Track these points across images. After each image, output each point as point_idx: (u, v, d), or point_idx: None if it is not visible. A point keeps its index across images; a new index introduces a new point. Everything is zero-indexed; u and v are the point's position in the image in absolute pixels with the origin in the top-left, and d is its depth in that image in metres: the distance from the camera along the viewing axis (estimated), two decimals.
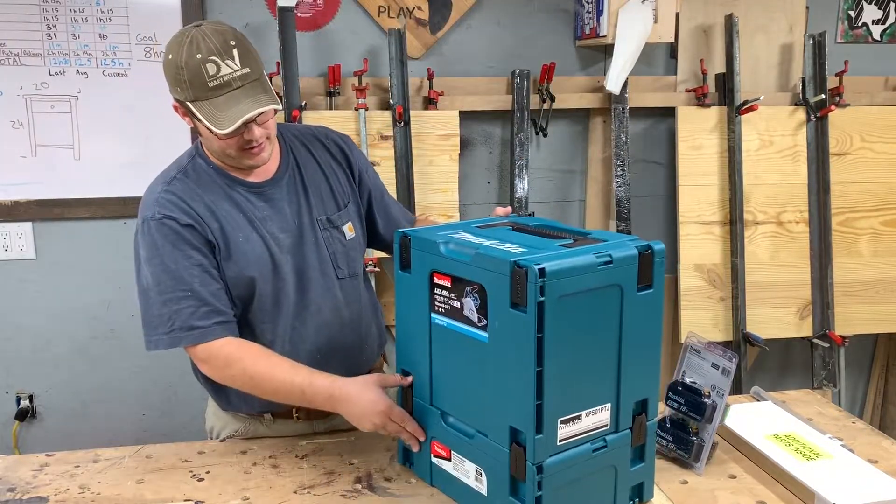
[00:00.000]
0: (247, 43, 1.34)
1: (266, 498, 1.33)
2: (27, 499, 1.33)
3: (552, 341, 1.10)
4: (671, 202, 2.76)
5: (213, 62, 1.29)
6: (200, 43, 1.29)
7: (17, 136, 2.40)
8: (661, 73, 2.73)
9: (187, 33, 1.31)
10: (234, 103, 1.30)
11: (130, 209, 2.51)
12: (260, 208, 1.47)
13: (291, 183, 1.52)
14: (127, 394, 2.65)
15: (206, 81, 1.29)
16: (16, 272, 2.51)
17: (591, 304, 1.14)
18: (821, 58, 2.67)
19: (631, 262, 1.16)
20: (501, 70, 2.62)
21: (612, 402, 1.21)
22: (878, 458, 1.45)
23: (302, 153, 1.56)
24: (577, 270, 1.11)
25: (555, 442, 1.15)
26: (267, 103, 1.32)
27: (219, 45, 1.29)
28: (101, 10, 2.37)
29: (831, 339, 2.71)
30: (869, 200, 2.78)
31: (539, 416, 1.12)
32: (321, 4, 2.49)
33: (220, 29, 1.32)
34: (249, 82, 1.32)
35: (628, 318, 1.18)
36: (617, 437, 1.23)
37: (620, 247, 1.17)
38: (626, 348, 1.20)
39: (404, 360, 1.37)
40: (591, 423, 1.19)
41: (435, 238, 1.25)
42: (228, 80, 1.30)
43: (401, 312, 1.35)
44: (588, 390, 1.19)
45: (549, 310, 1.08)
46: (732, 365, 1.37)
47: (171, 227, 1.38)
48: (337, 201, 1.56)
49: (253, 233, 1.45)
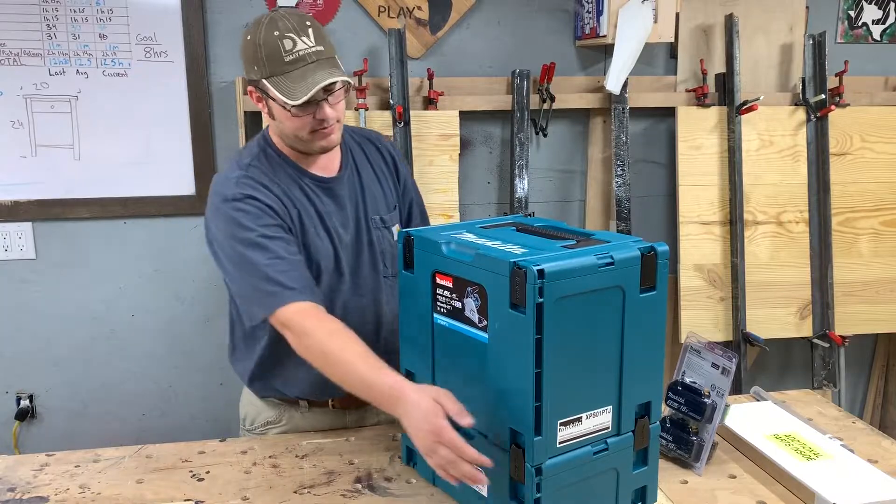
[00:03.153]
0: (322, 28, 1.41)
1: (266, 498, 1.33)
2: (27, 499, 1.33)
3: (551, 343, 1.09)
4: (671, 202, 2.76)
5: (290, 38, 1.35)
6: (279, 22, 1.36)
7: (17, 136, 2.40)
8: (661, 73, 2.73)
9: (266, 16, 1.39)
10: (307, 75, 1.35)
11: (130, 209, 2.52)
12: (326, 203, 1.51)
13: (351, 180, 1.56)
14: (127, 394, 2.65)
15: (282, 56, 1.35)
16: (16, 272, 2.51)
17: (592, 306, 1.14)
18: (821, 58, 2.67)
19: (633, 263, 1.15)
20: (501, 70, 2.62)
21: (614, 405, 1.20)
22: (878, 458, 1.45)
23: (358, 153, 1.61)
24: (577, 272, 1.10)
25: (554, 444, 1.15)
26: (339, 77, 1.37)
27: (295, 23, 1.36)
28: (101, 10, 2.37)
29: (831, 339, 2.71)
30: (869, 200, 2.78)
31: (538, 418, 1.12)
32: (321, 4, 2.49)
33: (297, 11, 1.40)
34: (324, 58, 1.37)
35: (630, 319, 1.17)
36: (618, 439, 1.22)
37: (623, 248, 1.16)
38: (629, 350, 1.19)
39: (408, 360, 1.37)
40: (592, 426, 1.19)
41: (437, 238, 1.25)
42: (304, 55, 1.36)
43: (405, 312, 1.36)
44: (589, 392, 1.18)
45: (549, 311, 1.08)
46: (732, 365, 1.37)
47: (253, 204, 1.41)
48: (388, 206, 1.61)
49: (321, 226, 1.50)
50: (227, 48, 2.46)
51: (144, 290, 2.58)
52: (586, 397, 1.18)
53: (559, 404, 1.14)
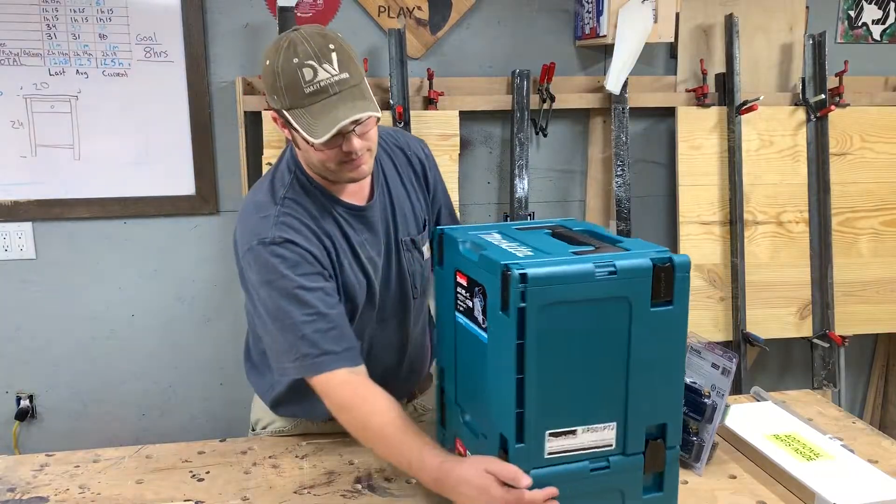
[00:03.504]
0: (347, 47, 1.26)
1: (266, 498, 1.33)
2: (27, 499, 1.33)
3: (537, 349, 1.07)
4: (671, 202, 2.76)
5: (310, 66, 1.21)
6: (298, 47, 1.22)
7: (17, 136, 2.40)
8: (661, 73, 2.73)
9: (286, 37, 1.25)
10: (330, 110, 1.22)
11: (130, 209, 2.52)
12: (359, 231, 1.42)
13: (382, 202, 1.47)
14: (127, 394, 2.65)
15: (301, 87, 1.22)
16: (16, 272, 2.51)
17: (592, 316, 1.09)
18: (821, 58, 2.67)
19: (641, 274, 1.09)
20: (501, 70, 2.62)
21: (619, 422, 1.15)
22: (878, 458, 1.45)
23: (389, 168, 1.50)
24: (569, 278, 1.06)
25: (542, 454, 1.13)
26: (364, 110, 1.23)
27: (317, 48, 1.22)
28: (101, 10, 2.37)
29: (831, 339, 2.71)
30: (869, 200, 2.78)
31: (520, 425, 1.10)
32: (321, 4, 2.49)
33: (319, 32, 1.25)
34: (347, 88, 1.23)
35: (639, 334, 1.11)
36: (624, 459, 1.16)
37: (634, 257, 1.11)
38: (637, 366, 1.13)
39: (439, 356, 1.41)
40: (591, 441, 1.14)
41: (461, 237, 1.26)
42: (325, 86, 1.22)
43: (438, 307, 1.38)
44: (587, 406, 1.13)
45: (533, 316, 1.06)
46: (732, 365, 1.37)
47: (292, 250, 1.31)
48: (418, 222, 1.52)
49: (355, 260, 1.41)
50: (227, 48, 2.46)
51: (144, 290, 2.58)
52: (583, 410, 1.13)
53: (548, 414, 1.11)
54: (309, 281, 1.31)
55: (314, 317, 1.29)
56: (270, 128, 2.38)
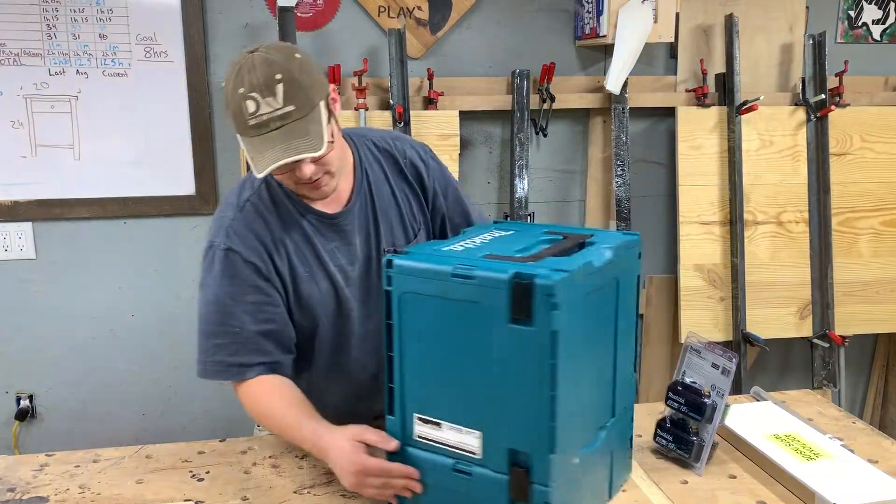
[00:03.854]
0: (300, 75, 1.21)
1: (266, 498, 1.33)
2: (27, 499, 1.33)
3: (400, 331, 1.14)
4: (671, 202, 2.76)
5: (253, 99, 1.19)
6: (245, 76, 1.20)
7: (17, 136, 2.40)
8: (661, 73, 2.73)
9: (240, 61, 1.23)
10: (268, 146, 1.21)
11: (130, 209, 2.52)
12: (329, 239, 1.40)
13: (363, 210, 1.43)
14: (127, 394, 2.65)
15: (245, 118, 1.21)
16: (16, 272, 2.51)
17: (453, 314, 1.08)
18: (821, 58, 2.67)
19: (496, 285, 1.03)
20: (501, 70, 2.62)
21: (483, 434, 1.10)
22: (878, 458, 1.45)
23: (376, 174, 1.46)
24: (425, 273, 1.10)
25: (411, 434, 1.17)
26: (302, 151, 1.20)
27: (262, 79, 1.19)
28: (101, 10, 2.37)
29: (831, 339, 2.71)
30: (869, 200, 2.78)
31: (391, 399, 1.18)
32: (321, 4, 2.49)
33: (270, 59, 1.21)
34: (290, 122, 1.20)
35: (499, 347, 1.05)
36: (487, 472, 1.11)
37: (508, 268, 1.04)
38: (497, 380, 1.07)
39: None
40: (455, 440, 1.13)
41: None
42: (266, 121, 1.20)
43: None
44: (451, 403, 1.13)
45: (395, 300, 1.13)
46: (732, 365, 1.37)
47: (233, 260, 1.34)
48: (406, 231, 1.48)
49: (319, 269, 1.39)
50: (227, 48, 2.46)
51: (144, 290, 2.58)
52: (448, 406, 1.13)
53: (415, 397, 1.16)
54: (240, 293, 1.34)
55: (234, 329, 1.35)
56: None
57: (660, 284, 2.84)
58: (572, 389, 1.07)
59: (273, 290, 1.37)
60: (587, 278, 1.09)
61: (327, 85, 1.29)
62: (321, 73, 1.29)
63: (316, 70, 1.27)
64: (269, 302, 1.37)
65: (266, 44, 1.26)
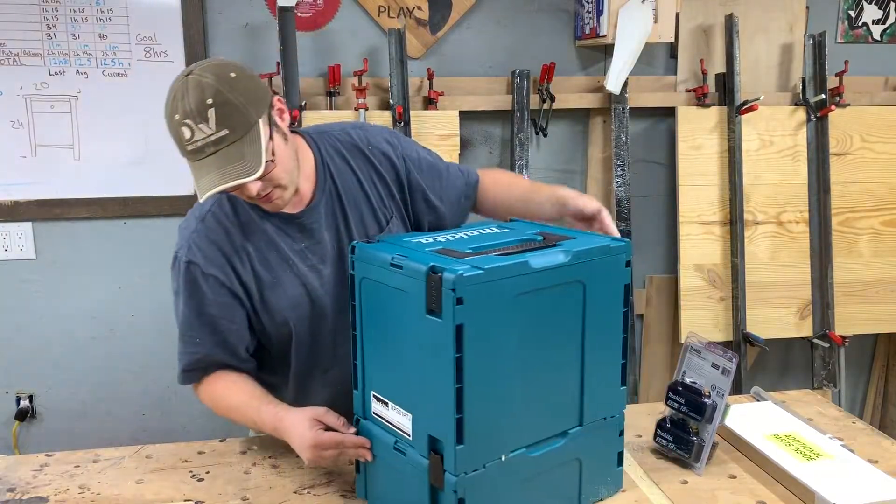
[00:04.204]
0: (234, 96, 1.19)
1: (266, 498, 1.33)
2: (27, 499, 1.33)
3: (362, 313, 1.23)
4: (671, 202, 2.76)
5: (187, 126, 1.18)
6: (179, 102, 1.19)
7: (17, 136, 2.40)
8: (661, 73, 2.73)
9: (175, 85, 1.22)
10: (205, 172, 1.21)
11: (130, 209, 2.52)
12: (297, 240, 1.40)
13: (329, 206, 1.42)
14: (127, 394, 2.65)
15: (183, 144, 1.21)
16: (16, 272, 2.51)
17: (392, 300, 1.15)
18: (821, 58, 2.67)
19: (416, 275, 1.08)
20: (501, 70, 2.62)
21: (412, 416, 1.16)
22: (878, 458, 1.45)
23: (340, 168, 1.44)
24: (373, 260, 1.18)
25: (370, 410, 1.25)
26: (237, 176, 1.19)
27: (194, 106, 1.18)
28: (101, 10, 2.37)
29: (831, 339, 2.71)
30: (869, 200, 2.78)
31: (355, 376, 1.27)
32: (321, 4, 2.49)
33: (203, 82, 1.19)
34: (225, 146, 1.19)
35: (417, 334, 1.11)
36: (415, 454, 1.16)
37: (418, 260, 1.10)
38: (418, 367, 1.12)
39: None
40: (396, 420, 1.20)
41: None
42: (201, 147, 1.19)
43: None
44: (393, 383, 1.20)
45: (357, 284, 1.22)
46: (732, 365, 1.37)
47: (193, 273, 1.36)
48: (378, 220, 1.46)
49: (287, 272, 1.39)
50: (227, 48, 2.46)
51: (144, 290, 2.58)
52: (392, 387, 1.20)
53: (372, 376, 1.24)
54: (199, 306, 1.38)
55: (195, 340, 1.40)
56: None
57: (660, 284, 2.84)
58: (495, 387, 1.11)
59: (234, 301, 1.39)
60: (519, 279, 1.10)
61: (269, 98, 1.27)
62: (261, 87, 1.26)
63: (254, 86, 1.24)
64: (228, 316, 1.39)
65: (203, 64, 1.24)
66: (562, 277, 1.15)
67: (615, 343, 1.26)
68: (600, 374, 1.24)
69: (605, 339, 1.24)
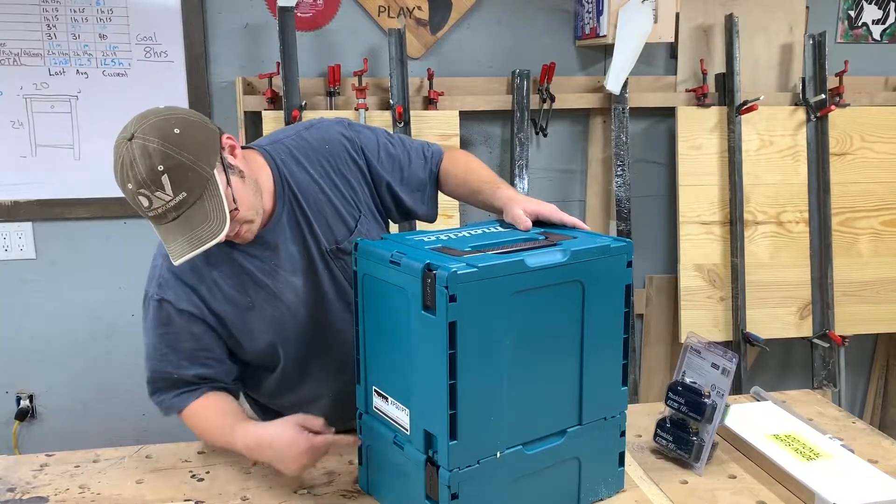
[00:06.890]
0: (184, 154, 1.17)
1: (266, 498, 1.33)
2: (27, 499, 1.33)
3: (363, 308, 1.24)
4: (671, 202, 2.76)
5: (144, 196, 1.17)
6: (129, 171, 1.17)
7: (17, 136, 2.40)
8: (661, 73, 2.73)
9: (120, 151, 1.20)
10: (172, 237, 1.21)
11: (130, 209, 2.48)
12: (265, 259, 1.38)
13: (292, 218, 1.39)
14: (127, 394, 2.65)
15: (144, 211, 1.21)
16: (16, 272, 2.51)
17: (389, 296, 1.17)
18: (821, 58, 2.67)
19: (413, 273, 1.10)
20: (501, 70, 2.62)
21: (410, 412, 1.17)
22: (878, 458, 1.45)
23: (298, 177, 1.40)
24: (373, 256, 1.19)
25: (371, 403, 1.27)
26: (206, 239, 1.18)
27: (146, 175, 1.15)
28: (101, 10, 2.37)
29: (831, 339, 2.71)
30: (869, 200, 2.78)
31: (359, 371, 1.29)
32: (321, 4, 2.49)
33: (149, 148, 1.16)
34: (186, 209, 1.18)
35: (415, 331, 1.12)
36: (413, 450, 1.17)
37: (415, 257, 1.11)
38: (415, 362, 1.14)
39: None
40: (394, 415, 1.21)
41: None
42: (163, 213, 1.19)
43: None
44: (393, 378, 1.21)
45: (359, 280, 1.24)
46: (732, 365, 1.37)
47: (166, 310, 1.36)
48: (346, 222, 1.43)
49: (259, 293, 1.38)
50: (227, 48, 2.46)
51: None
52: (392, 382, 1.21)
53: (373, 371, 1.25)
54: (175, 341, 1.38)
55: (173, 375, 1.42)
56: (271, 128, 2.38)
57: (660, 284, 2.84)
58: (490, 384, 1.12)
59: (209, 332, 1.39)
60: (515, 277, 1.10)
61: (217, 140, 1.24)
62: (208, 133, 1.23)
63: (202, 136, 1.21)
64: (205, 347, 1.40)
65: (143, 123, 1.21)
66: (559, 277, 1.15)
67: (616, 343, 1.26)
68: (600, 373, 1.24)
69: (604, 339, 1.24)
